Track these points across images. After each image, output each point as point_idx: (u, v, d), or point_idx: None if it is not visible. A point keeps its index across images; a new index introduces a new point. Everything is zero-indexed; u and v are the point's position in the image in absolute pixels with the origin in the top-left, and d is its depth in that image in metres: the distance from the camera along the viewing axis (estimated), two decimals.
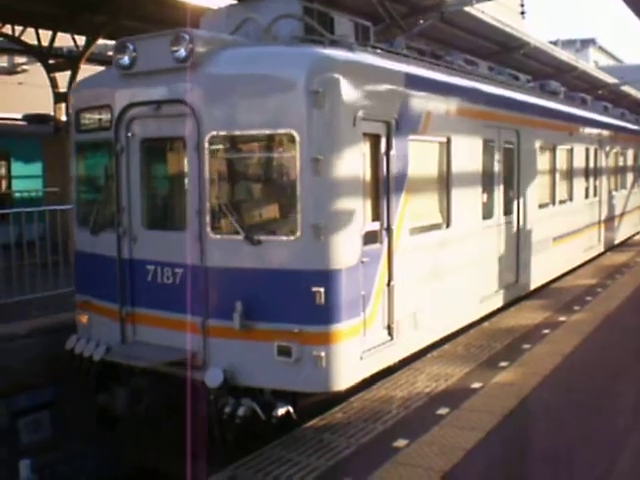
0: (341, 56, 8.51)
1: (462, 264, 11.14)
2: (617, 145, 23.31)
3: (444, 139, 10.66)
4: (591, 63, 40.76)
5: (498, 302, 12.91)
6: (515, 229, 13.76)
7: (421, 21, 17.37)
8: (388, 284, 8.92)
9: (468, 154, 11.51)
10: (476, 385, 8.93)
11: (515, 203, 13.80)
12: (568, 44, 42.70)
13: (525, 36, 22.39)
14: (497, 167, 12.84)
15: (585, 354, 10.45)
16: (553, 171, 16.36)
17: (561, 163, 16.94)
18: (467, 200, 11.46)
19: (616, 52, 69.69)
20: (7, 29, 18.30)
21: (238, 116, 8.12)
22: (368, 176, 8.68)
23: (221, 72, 8.27)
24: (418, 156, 9.73)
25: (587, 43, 53.80)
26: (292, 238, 7.90)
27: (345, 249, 8.01)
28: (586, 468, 6.75)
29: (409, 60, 10.49)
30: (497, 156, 12.84)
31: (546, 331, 11.73)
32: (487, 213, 12.41)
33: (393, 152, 8.98)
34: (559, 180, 16.64)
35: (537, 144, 14.91)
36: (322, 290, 7.71)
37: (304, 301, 7.79)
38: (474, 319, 11.91)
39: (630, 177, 25.86)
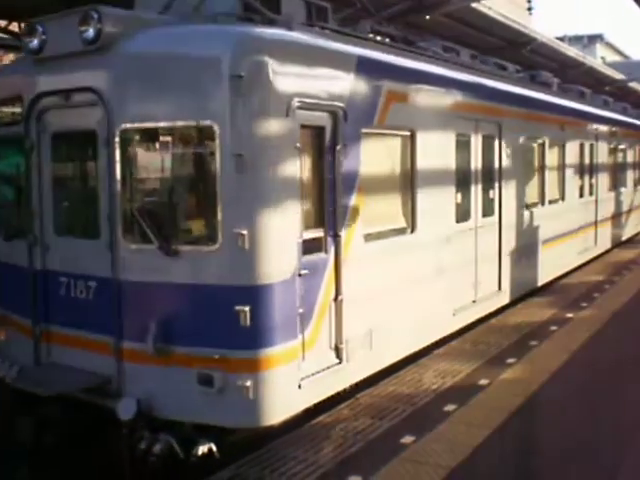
0: (273, 35, 7.41)
1: (431, 273, 10.11)
2: (617, 141, 22.19)
3: (407, 132, 9.52)
4: (598, 59, 40.64)
5: (477, 313, 11.78)
6: (497, 232, 12.60)
7: (427, 17, 17.30)
8: (335, 299, 7.86)
9: (437, 149, 10.36)
10: (483, 382, 8.92)
11: (496, 204, 12.63)
12: (575, 40, 42.63)
13: (532, 32, 22.30)
14: (474, 164, 11.73)
15: (592, 351, 10.41)
16: (542, 168, 15.20)
17: (551, 159, 15.73)
18: (436, 201, 10.28)
19: (624, 48, 69.55)
20: None
21: (152, 105, 7.10)
22: (308, 175, 7.66)
23: (134, 55, 7.23)
24: (374, 152, 8.74)
25: (594, 39, 53.68)
26: (212, 248, 6.89)
27: (276, 260, 6.97)
28: (593, 465, 6.73)
29: (366, 43, 9.34)
30: (474, 151, 11.73)
31: (554, 328, 11.71)
32: (462, 215, 11.25)
33: (340, 147, 7.89)
34: (549, 178, 15.44)
35: (522, 138, 13.76)
36: (247, 309, 6.70)
37: (227, 322, 6.78)
38: (447, 333, 10.73)
39: (631, 175, 24.62)
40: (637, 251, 21.80)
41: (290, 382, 7.14)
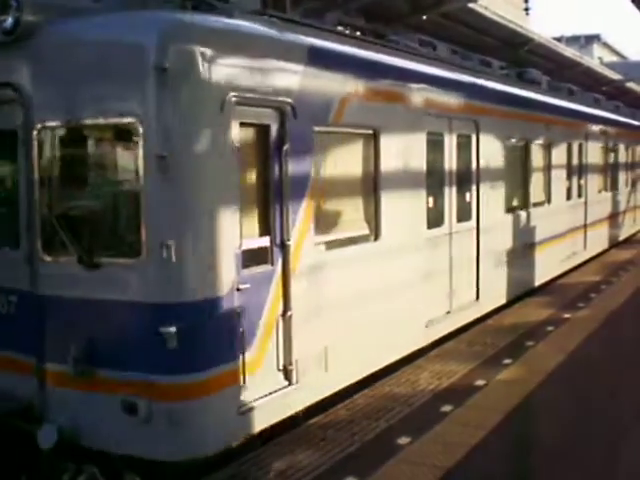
0: (206, 22, 6.67)
1: (399, 283, 9.33)
2: (609, 140, 21.43)
3: (369, 131, 8.79)
4: (595, 59, 40.70)
5: (452, 325, 11.03)
6: (474, 238, 11.82)
7: (424, 17, 17.34)
8: (284, 315, 7.13)
9: (405, 150, 9.54)
10: (480, 382, 8.94)
11: (474, 208, 11.87)
12: (572, 40, 42.67)
13: (529, 32, 22.36)
14: (448, 165, 11.01)
15: (589, 351, 10.44)
16: (525, 169, 14.45)
17: (536, 160, 15.00)
18: (404, 206, 9.52)
19: (621, 49, 69.56)
20: None
21: (73, 101, 6.43)
22: (250, 177, 7.00)
23: (54, 46, 6.56)
24: (330, 152, 8.21)
25: (591, 39, 53.74)
26: (135, 261, 6.20)
27: (208, 274, 6.26)
28: (589, 465, 6.75)
29: (322, 34, 8.54)
30: (448, 152, 10.98)
31: (550, 328, 11.74)
32: (434, 220, 10.47)
33: (288, 147, 7.13)
34: (533, 180, 14.69)
35: (503, 137, 12.98)
36: (173, 330, 5.99)
37: (152, 343, 6.08)
38: (418, 347, 9.94)
39: (624, 175, 23.83)
40: (634, 251, 21.82)
41: (228, 409, 6.45)
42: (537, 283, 14.89)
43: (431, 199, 10.40)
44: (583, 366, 9.75)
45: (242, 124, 6.66)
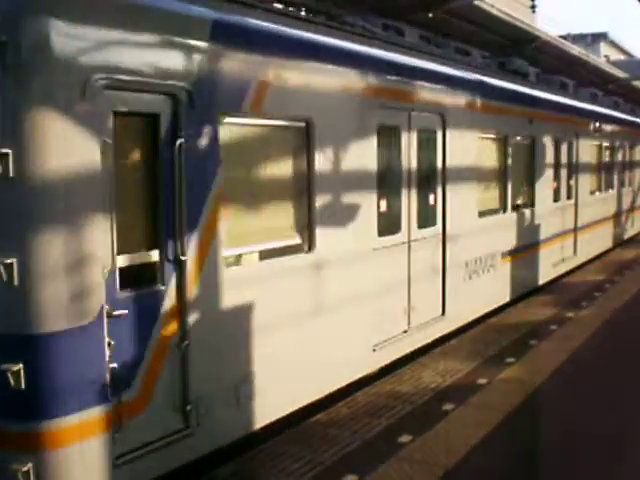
0: None
1: (338, 301, 8.11)
2: (604, 137, 20.13)
3: (300, 123, 7.59)
4: (602, 58, 40.56)
5: (410, 345, 9.78)
6: (439, 246, 10.65)
7: (430, 15, 17.26)
8: (179, 345, 6.01)
9: (347, 145, 8.33)
10: (482, 381, 8.92)
11: (439, 212, 10.66)
12: (579, 38, 42.52)
13: (535, 30, 22.25)
14: (407, 164, 9.75)
15: (592, 351, 10.41)
16: (504, 168, 13.15)
17: (516, 158, 13.62)
18: (347, 211, 8.36)
19: (628, 47, 69.36)
20: None
21: None
22: (130, 179, 5.85)
23: None
24: (246, 147, 7.10)
25: (598, 37, 53.53)
26: None
27: (64, 299, 5.12)
28: (591, 465, 6.73)
29: (238, 8, 7.06)
30: (406, 148, 9.73)
31: (553, 327, 11.71)
32: (388, 227, 9.29)
33: (183, 141, 5.97)
34: (513, 180, 13.40)
35: (475, 133, 11.75)
36: (20, 367, 4.96)
37: None
38: (364, 374, 8.78)
39: (620, 175, 22.43)
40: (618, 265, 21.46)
41: (97, 461, 5.33)
42: (516, 294, 13.69)
43: (383, 203, 9.21)
44: (586, 365, 9.72)
45: (118, 113, 5.51)
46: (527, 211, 14.34)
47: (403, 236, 9.70)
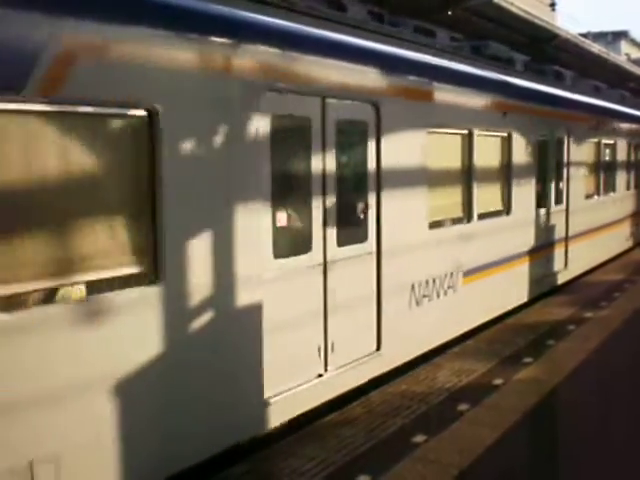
0: None
1: (199, 352, 6.22)
2: (604, 134, 18.03)
3: (136, 112, 5.70)
4: (623, 56, 40.23)
5: (325, 394, 7.87)
6: (373, 266, 8.66)
7: (449, 12, 17.19)
8: None
9: (217, 141, 6.38)
10: (498, 381, 8.85)
11: (372, 224, 8.66)
12: (599, 37, 42.22)
13: (555, 28, 22.11)
14: (319, 164, 7.77)
15: (610, 351, 10.30)
16: (467, 169, 11.19)
17: (485, 157, 11.64)
18: (219, 228, 6.42)
19: None
20: None
21: None
22: None
23: None
24: (36, 143, 5.06)
25: (619, 36, 53.12)
26: None
27: None
28: (608, 467, 6.65)
29: None
30: (320, 145, 7.74)
31: (571, 327, 11.59)
32: (292, 246, 7.58)
33: None
34: (480, 183, 11.38)
35: (423, 127, 9.71)
36: None
37: None
38: (243, 439, 6.88)
39: (622, 176, 20.13)
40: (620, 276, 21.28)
41: None
42: (484, 319, 11.63)
43: (282, 215, 7.38)
44: (604, 366, 9.61)
45: None
46: (501, 219, 12.32)
47: (316, 256, 7.78)
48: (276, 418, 7.18)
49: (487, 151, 11.80)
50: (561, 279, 15.10)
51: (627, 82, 29.10)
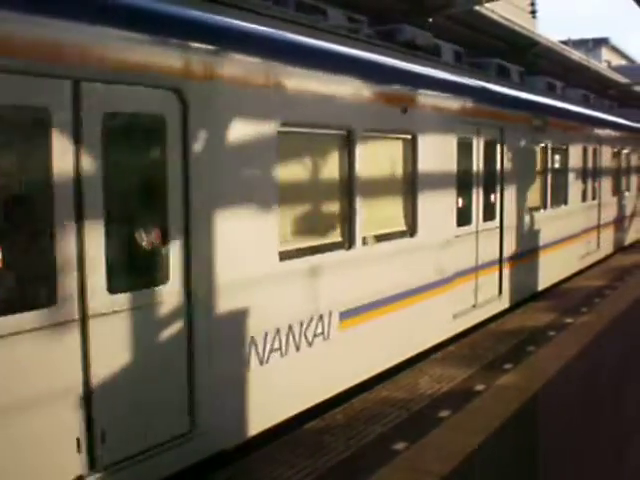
0: None
1: None
2: (554, 138, 15.70)
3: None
4: (603, 63, 40.56)
5: None
6: (181, 319, 6.27)
7: (430, 20, 17.26)
8: None
9: None
10: (479, 387, 8.88)
11: (175, 259, 6.22)
12: (580, 44, 42.51)
13: (535, 35, 22.27)
14: (88, 174, 5.53)
15: (590, 357, 10.35)
16: (345, 181, 8.60)
17: (371, 164, 8.97)
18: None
19: (630, 52, 69.37)
20: None
21: None
22: None
23: None
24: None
25: (599, 43, 53.51)
26: None
27: None
28: (590, 472, 6.68)
29: None
30: (65, 149, 5.38)
31: (552, 333, 11.64)
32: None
33: None
34: (367, 197, 8.84)
35: (268, 122, 7.25)
36: None
37: None
38: None
39: (577, 186, 17.71)
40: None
41: None
42: (373, 372, 9.03)
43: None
44: (584, 372, 9.66)
45: None
46: (398, 243, 9.75)
47: (59, 311, 5.41)
48: None
49: (378, 156, 9.50)
50: (492, 310, 12.58)
51: (608, 89, 29.34)
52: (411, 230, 9.99)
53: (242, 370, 6.94)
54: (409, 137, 9.91)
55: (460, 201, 11.48)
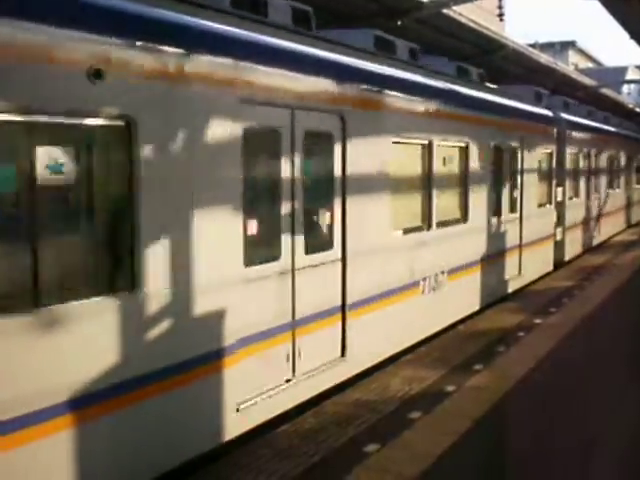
0: None
1: None
2: (444, 131, 12.05)
3: None
4: (570, 66, 41.03)
5: None
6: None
7: (399, 22, 17.31)
8: None
9: None
10: (450, 388, 8.90)
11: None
12: (547, 47, 43.00)
13: (502, 39, 22.41)
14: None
15: (559, 357, 10.41)
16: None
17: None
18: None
19: (596, 55, 70.22)
20: None
21: None
22: None
23: None
24: None
25: (567, 46, 54.18)
26: None
27: None
28: (559, 473, 6.71)
29: None
30: None
31: (521, 334, 11.72)
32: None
33: None
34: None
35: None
36: None
37: None
38: None
39: (476, 196, 13.35)
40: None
41: None
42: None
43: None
44: (553, 372, 9.72)
45: None
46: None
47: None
48: None
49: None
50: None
51: (575, 91, 29.65)
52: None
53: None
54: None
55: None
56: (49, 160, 5.55)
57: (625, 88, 49.92)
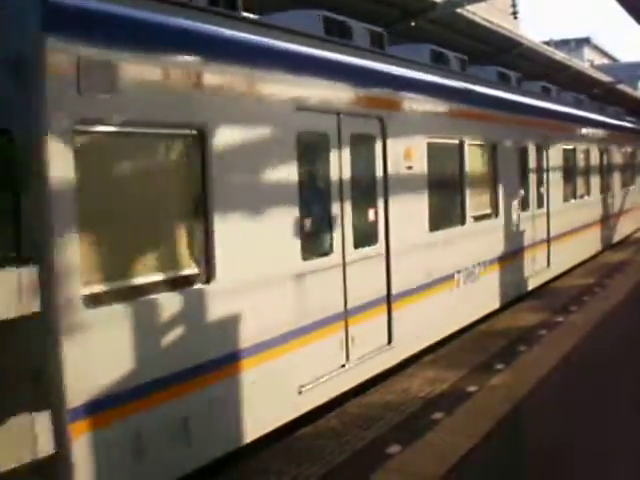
0: None
1: None
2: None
3: None
4: (586, 62, 40.75)
5: None
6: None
7: (412, 23, 17.28)
8: None
9: None
10: (471, 389, 8.84)
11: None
12: (562, 44, 42.75)
13: (517, 37, 22.31)
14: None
15: (581, 355, 10.34)
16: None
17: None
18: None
19: (612, 51, 69.75)
20: None
21: None
22: None
23: None
24: None
25: (582, 42, 53.85)
26: None
27: None
28: (582, 472, 6.65)
29: None
30: None
31: (542, 332, 11.64)
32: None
33: None
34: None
35: None
36: None
37: None
38: None
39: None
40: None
41: None
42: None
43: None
44: (575, 371, 9.65)
45: None
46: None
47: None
48: None
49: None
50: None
51: (591, 88, 29.46)
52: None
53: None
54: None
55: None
56: None
57: None
